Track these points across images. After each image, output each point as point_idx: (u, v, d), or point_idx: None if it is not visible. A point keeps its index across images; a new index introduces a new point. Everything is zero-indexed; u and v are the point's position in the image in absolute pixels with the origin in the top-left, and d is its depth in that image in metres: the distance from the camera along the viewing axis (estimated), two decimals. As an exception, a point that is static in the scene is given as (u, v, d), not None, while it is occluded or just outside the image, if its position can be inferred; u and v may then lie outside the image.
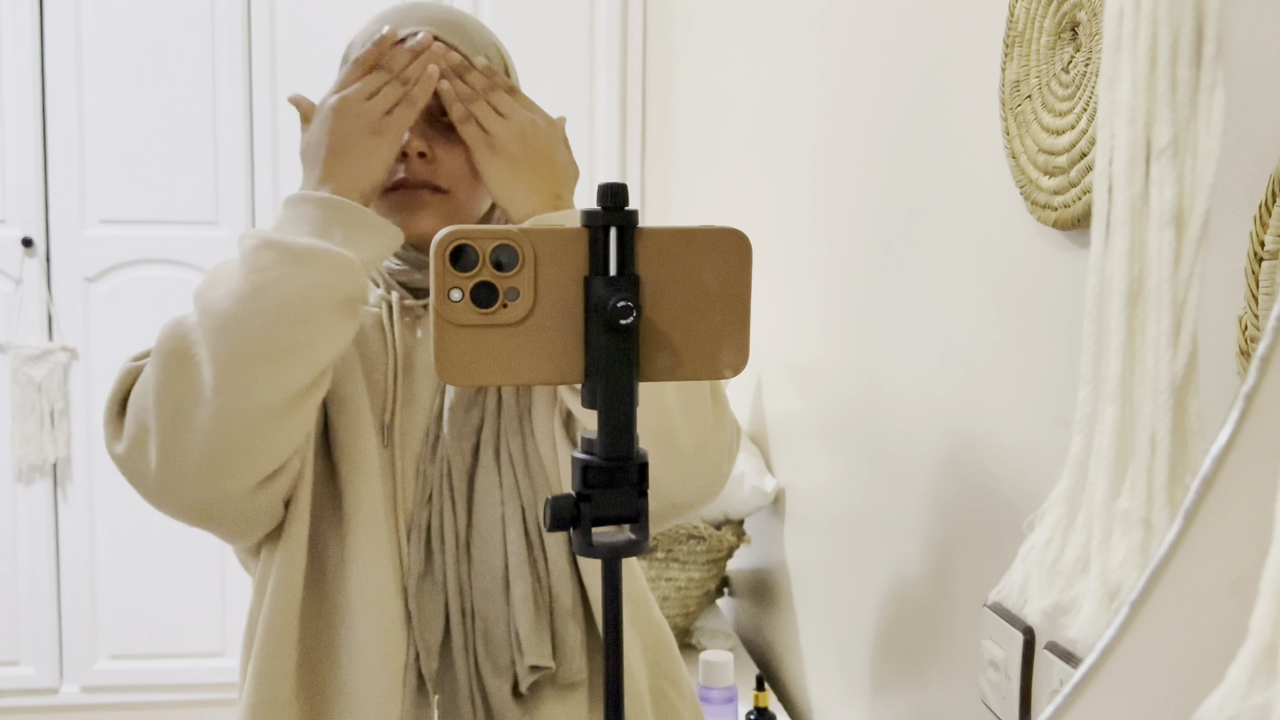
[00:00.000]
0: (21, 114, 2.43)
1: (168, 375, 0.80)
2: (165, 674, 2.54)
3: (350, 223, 0.84)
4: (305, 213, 0.84)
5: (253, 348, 0.79)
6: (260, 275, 0.79)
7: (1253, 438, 0.40)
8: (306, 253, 0.80)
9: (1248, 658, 0.36)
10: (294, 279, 0.80)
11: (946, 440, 1.00)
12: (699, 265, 0.55)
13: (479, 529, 0.91)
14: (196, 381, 0.80)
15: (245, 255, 0.81)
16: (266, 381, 0.80)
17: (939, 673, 1.03)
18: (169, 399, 0.80)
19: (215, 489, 0.82)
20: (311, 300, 0.80)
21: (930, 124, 1.04)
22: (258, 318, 0.79)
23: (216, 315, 0.80)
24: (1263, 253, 0.53)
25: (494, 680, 0.89)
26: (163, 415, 0.80)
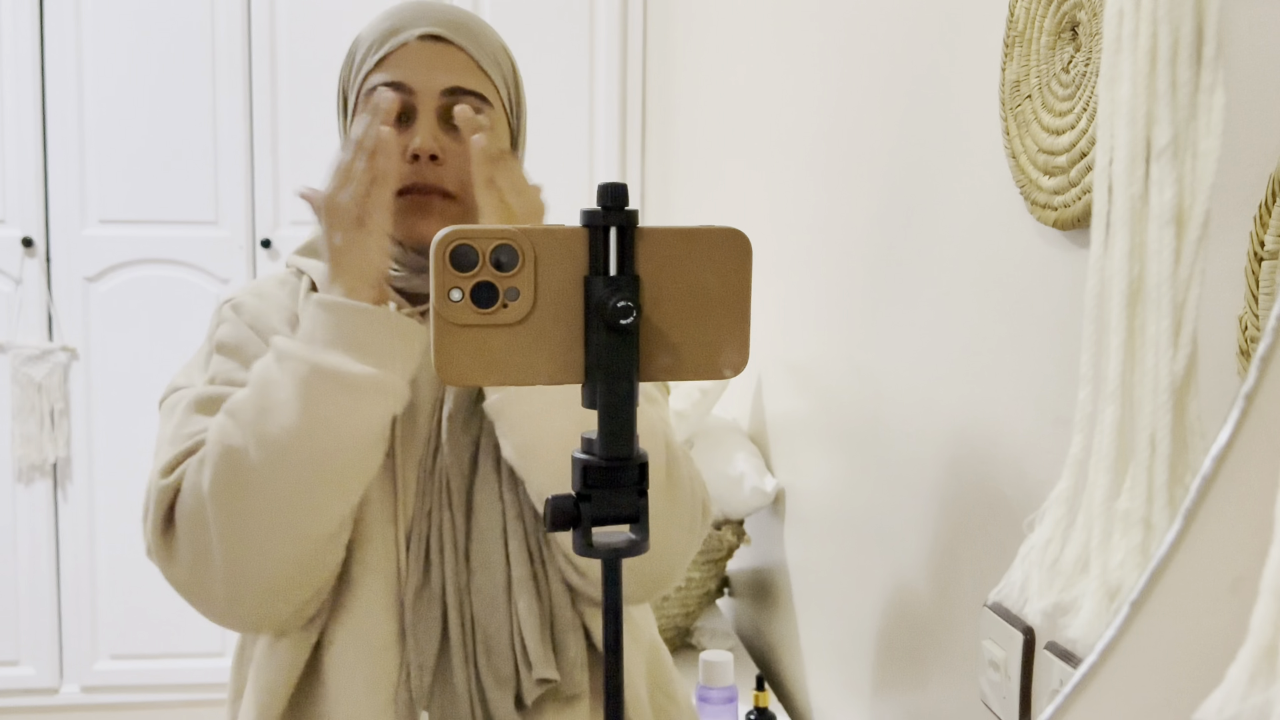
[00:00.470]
0: (21, 114, 2.43)
1: (228, 508, 0.81)
2: (165, 674, 2.54)
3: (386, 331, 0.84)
4: (343, 323, 0.83)
5: (319, 479, 0.81)
6: (319, 410, 0.80)
7: (1253, 438, 0.40)
8: (363, 383, 0.82)
9: (1248, 658, 0.36)
10: (353, 413, 0.82)
11: (947, 440, 1.00)
12: (699, 265, 0.55)
13: (479, 540, 0.90)
14: (261, 514, 0.81)
15: (300, 384, 0.81)
16: (332, 504, 0.83)
17: (939, 673, 1.03)
18: (233, 533, 0.81)
19: (276, 608, 0.85)
20: (370, 429, 0.83)
21: (930, 124, 1.04)
22: (319, 453, 0.81)
23: (275, 450, 0.80)
24: (1263, 253, 0.53)
25: (496, 692, 0.88)
26: (229, 548, 0.82)
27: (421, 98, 0.90)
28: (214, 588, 0.83)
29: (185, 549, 0.83)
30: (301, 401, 0.80)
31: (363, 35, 0.94)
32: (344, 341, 0.82)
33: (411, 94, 0.90)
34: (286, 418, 0.80)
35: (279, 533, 0.82)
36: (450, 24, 0.91)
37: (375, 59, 0.91)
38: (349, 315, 0.83)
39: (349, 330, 0.83)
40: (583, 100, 2.57)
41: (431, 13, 0.92)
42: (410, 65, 0.90)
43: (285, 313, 0.95)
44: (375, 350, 0.83)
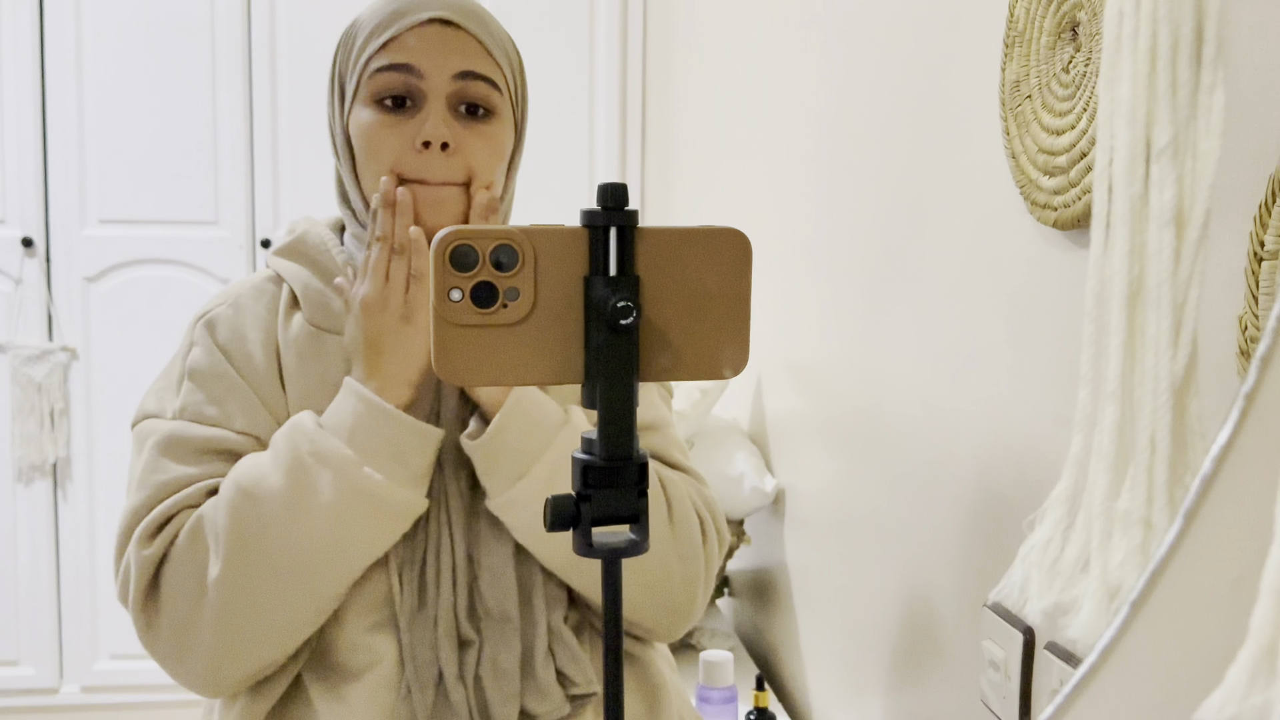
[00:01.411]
0: (21, 114, 2.43)
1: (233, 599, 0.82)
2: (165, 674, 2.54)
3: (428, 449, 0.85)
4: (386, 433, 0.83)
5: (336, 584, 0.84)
6: (350, 530, 0.82)
7: (1253, 438, 0.40)
8: (400, 509, 0.84)
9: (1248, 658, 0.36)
10: (386, 535, 0.84)
11: (946, 440, 1.00)
12: (699, 265, 0.55)
13: (488, 561, 0.88)
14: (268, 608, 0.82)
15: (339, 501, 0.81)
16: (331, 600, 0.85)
17: (939, 673, 1.03)
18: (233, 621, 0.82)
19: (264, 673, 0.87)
20: (385, 545, 0.85)
21: (930, 124, 1.04)
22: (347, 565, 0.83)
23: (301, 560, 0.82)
24: (1263, 253, 0.53)
25: (500, 710, 0.87)
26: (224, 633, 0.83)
27: (431, 82, 0.85)
28: (196, 666, 0.84)
29: (169, 624, 0.83)
30: (339, 519, 0.81)
31: (363, 19, 0.89)
32: (384, 452, 0.83)
33: (421, 78, 0.85)
34: (320, 530, 0.82)
35: (279, 628, 0.83)
36: (459, 8, 0.87)
37: (380, 41, 0.86)
38: (394, 427, 0.83)
39: (392, 441, 0.83)
40: (583, 100, 2.57)
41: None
42: (419, 49, 0.85)
43: (261, 331, 0.91)
44: (412, 467, 0.84)
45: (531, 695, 0.87)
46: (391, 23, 0.86)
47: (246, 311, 0.92)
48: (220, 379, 0.89)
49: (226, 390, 0.88)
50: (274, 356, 0.90)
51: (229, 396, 0.88)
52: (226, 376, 0.89)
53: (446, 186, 0.86)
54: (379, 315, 0.84)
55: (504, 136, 0.90)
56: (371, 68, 0.86)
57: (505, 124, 0.90)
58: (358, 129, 0.87)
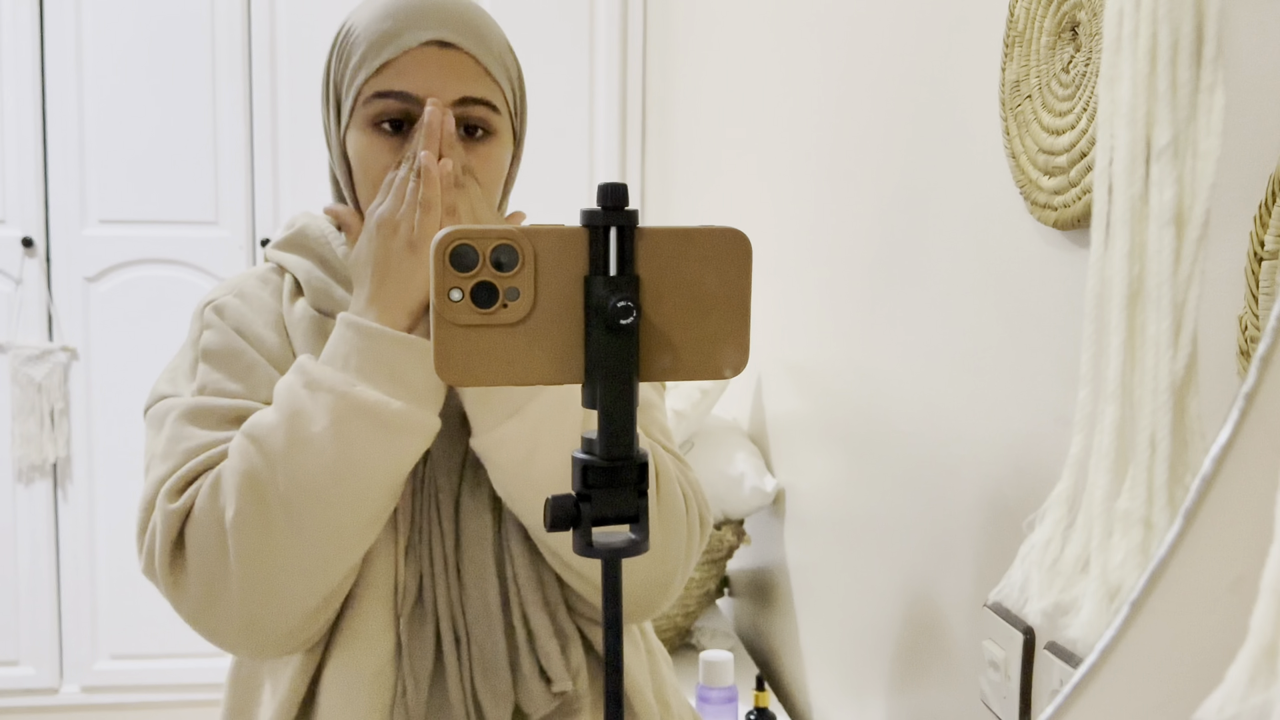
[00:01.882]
0: (21, 114, 2.43)
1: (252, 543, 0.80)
2: (165, 674, 2.54)
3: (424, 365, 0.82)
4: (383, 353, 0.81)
5: (350, 519, 0.81)
6: (353, 450, 0.79)
7: (1253, 438, 0.40)
8: (399, 421, 0.80)
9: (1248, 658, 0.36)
10: (389, 453, 0.80)
11: (946, 440, 1.00)
12: (699, 265, 0.55)
13: (469, 554, 0.88)
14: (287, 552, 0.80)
15: (336, 421, 0.79)
16: (360, 542, 0.82)
17: (939, 673, 1.03)
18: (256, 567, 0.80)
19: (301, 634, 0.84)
20: (403, 468, 0.82)
21: (930, 124, 1.04)
22: (355, 493, 0.80)
23: (310, 489, 0.79)
24: (1263, 253, 0.53)
25: (494, 709, 0.86)
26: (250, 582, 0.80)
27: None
28: (229, 619, 0.82)
29: (197, 579, 0.81)
30: (337, 440, 0.78)
31: (358, 30, 0.87)
32: (380, 373, 0.80)
33: (419, 105, 0.84)
34: (321, 456, 0.79)
35: (306, 569, 0.80)
36: (458, 26, 0.85)
37: (376, 64, 0.84)
38: (387, 345, 0.81)
39: (386, 361, 0.80)
40: (583, 100, 2.57)
41: (437, 13, 0.85)
42: (416, 74, 0.84)
43: (269, 314, 0.91)
44: (410, 383, 0.81)
45: (521, 692, 0.87)
46: (387, 43, 0.84)
47: (252, 298, 0.92)
48: (239, 356, 0.89)
49: (246, 367, 0.88)
50: (284, 337, 0.91)
51: (249, 373, 0.88)
52: (245, 354, 0.89)
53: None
54: (390, 237, 0.82)
55: (502, 155, 0.90)
56: (368, 92, 0.85)
57: (503, 141, 0.90)
58: (355, 151, 0.87)
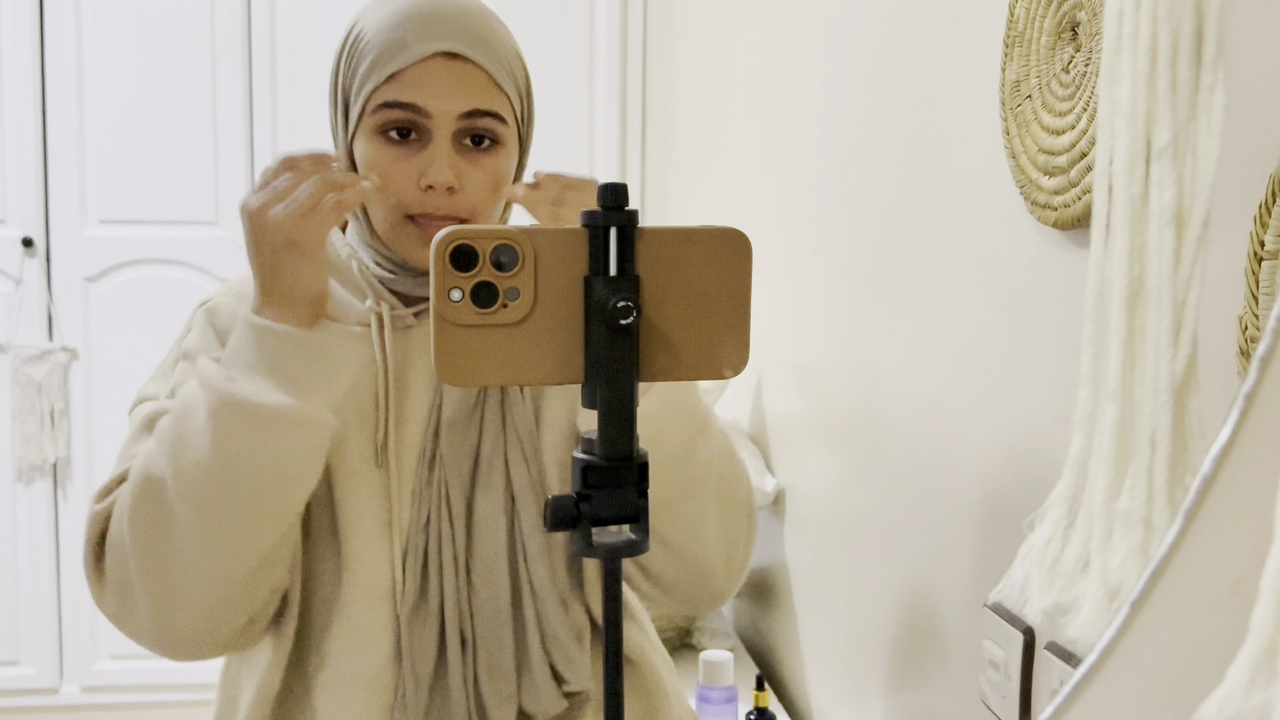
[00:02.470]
0: (21, 114, 2.43)
1: (147, 541, 0.79)
2: (165, 674, 2.54)
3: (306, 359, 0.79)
4: (265, 347, 0.79)
5: (235, 515, 0.78)
6: (227, 445, 0.77)
7: (1253, 438, 0.40)
8: (274, 416, 0.77)
9: (1248, 658, 0.36)
10: (262, 448, 0.77)
11: (946, 440, 1.00)
12: (699, 265, 0.55)
13: (480, 554, 0.87)
14: (178, 548, 0.79)
15: (210, 416, 0.77)
16: (249, 540, 0.80)
17: (939, 673, 1.03)
18: (153, 567, 0.79)
19: (210, 636, 0.83)
20: (283, 466, 0.79)
21: (930, 124, 1.04)
22: (233, 488, 0.78)
23: (190, 483, 0.77)
24: (1263, 253, 0.53)
25: (497, 710, 0.86)
26: (149, 583, 0.80)
27: (437, 121, 0.84)
28: (140, 618, 0.81)
29: (112, 582, 0.82)
30: (211, 434, 0.77)
31: (367, 35, 0.86)
32: (264, 367, 0.78)
33: (427, 117, 0.84)
34: (198, 451, 0.77)
35: (199, 567, 0.79)
36: (466, 37, 0.84)
37: (384, 74, 0.84)
38: (272, 340, 0.79)
39: (271, 355, 0.79)
40: (583, 100, 2.57)
41: (447, 23, 0.84)
42: (424, 86, 0.83)
43: None
44: (295, 378, 0.79)
45: (527, 694, 0.87)
46: (396, 53, 0.83)
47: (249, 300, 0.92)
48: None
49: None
50: None
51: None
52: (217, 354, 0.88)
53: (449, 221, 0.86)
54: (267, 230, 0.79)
55: (506, 164, 0.89)
56: (376, 100, 0.85)
57: (510, 151, 0.89)
58: (362, 158, 0.87)
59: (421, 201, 0.85)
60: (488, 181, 0.87)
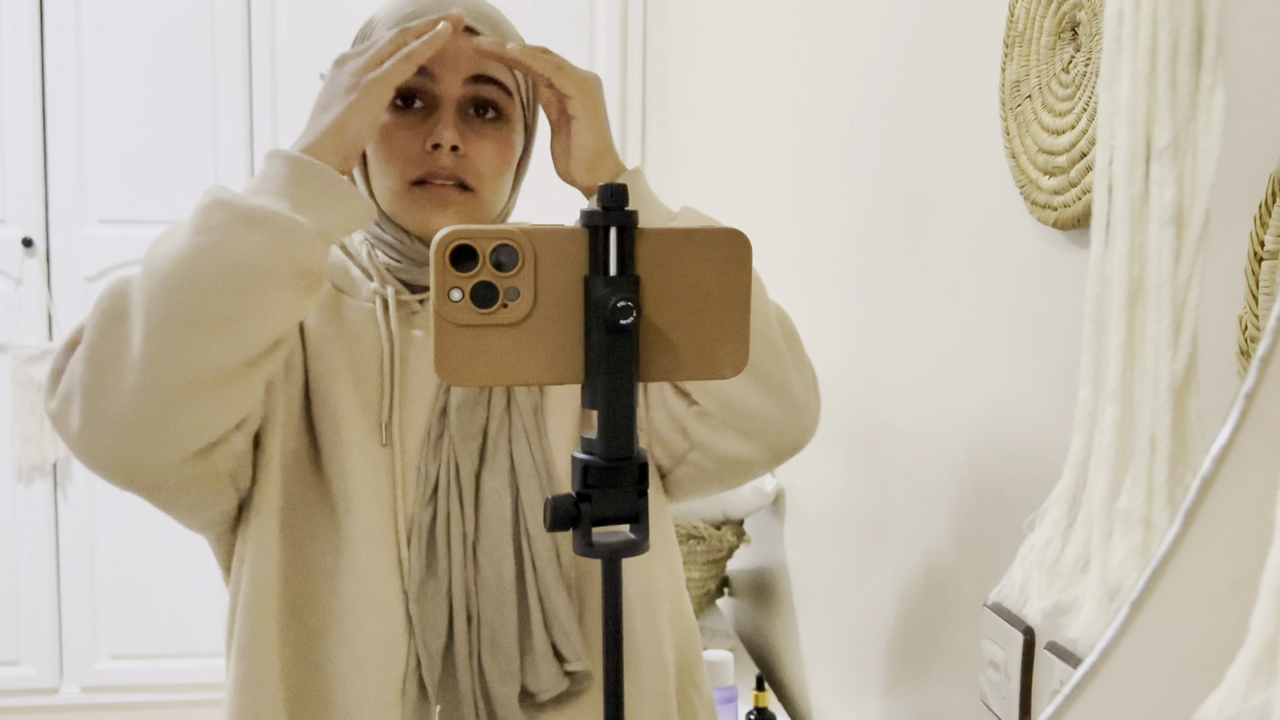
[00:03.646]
0: (21, 114, 2.43)
1: (99, 334, 0.77)
2: (165, 674, 2.54)
3: (316, 185, 0.79)
4: (274, 171, 0.79)
5: (188, 313, 0.75)
6: (205, 236, 0.75)
7: (1253, 438, 0.40)
8: (258, 215, 0.75)
9: (1248, 658, 0.36)
10: (241, 243, 0.75)
11: (946, 440, 1.00)
12: (699, 265, 0.55)
13: (487, 532, 0.88)
14: (126, 343, 0.76)
15: (195, 212, 0.77)
16: (199, 350, 0.75)
17: (939, 673, 1.03)
18: (96, 358, 0.76)
19: (137, 455, 0.78)
20: (257, 268, 0.75)
21: (930, 124, 1.04)
22: (197, 281, 0.74)
23: (155, 275, 0.75)
24: (1263, 253, 0.53)
25: (500, 688, 0.87)
26: (87, 374, 0.77)
27: (443, 85, 0.87)
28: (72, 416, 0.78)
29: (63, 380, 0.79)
30: (192, 227, 0.76)
31: (379, 19, 0.90)
32: (267, 186, 0.79)
33: (434, 80, 0.87)
34: (173, 243, 0.76)
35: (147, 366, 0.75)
36: (475, 14, 0.89)
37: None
38: (282, 162, 0.80)
39: (276, 175, 0.79)
40: (583, 100, 2.57)
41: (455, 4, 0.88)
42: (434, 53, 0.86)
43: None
44: (296, 197, 0.78)
45: (530, 672, 0.88)
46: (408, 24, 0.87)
47: None
48: None
49: None
50: None
51: None
52: None
53: (455, 187, 0.88)
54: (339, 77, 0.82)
55: (513, 139, 0.91)
56: None
57: (515, 127, 0.91)
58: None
59: (428, 162, 0.87)
60: (493, 150, 0.89)
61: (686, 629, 0.99)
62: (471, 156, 0.88)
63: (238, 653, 0.88)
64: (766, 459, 0.93)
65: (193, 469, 0.81)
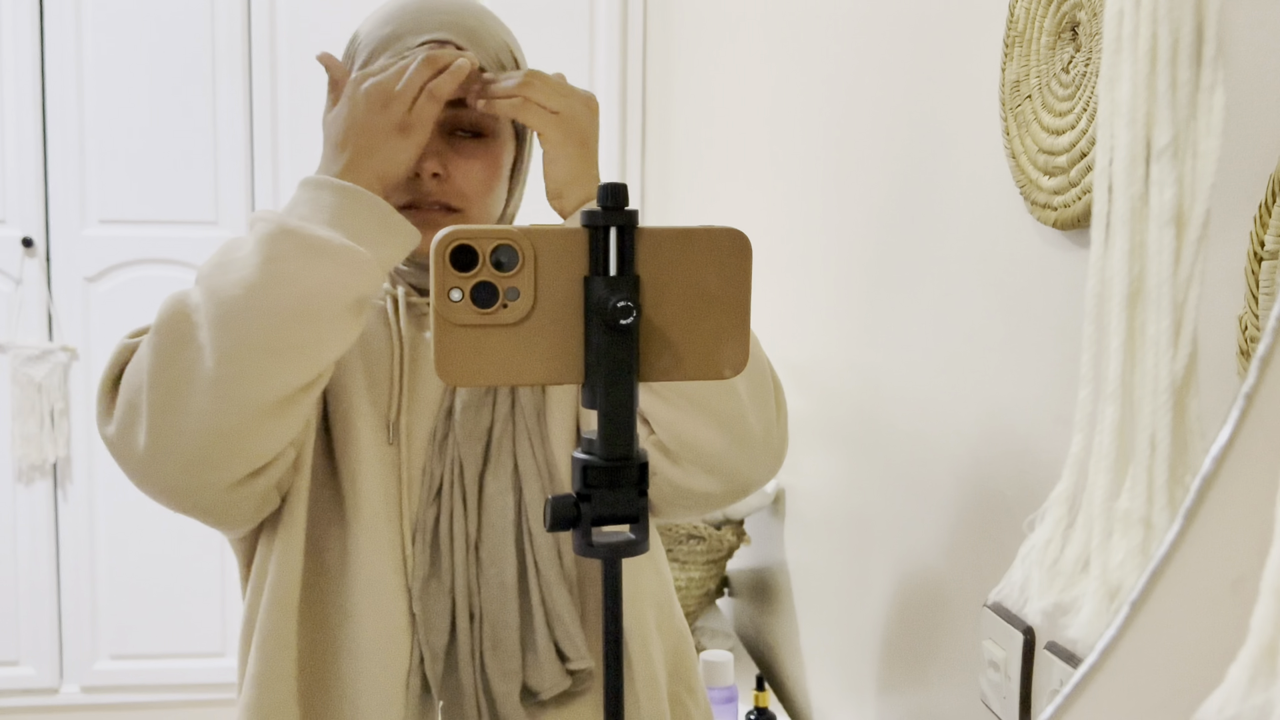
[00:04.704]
0: (21, 114, 2.43)
1: (165, 357, 0.78)
2: (165, 674, 2.54)
3: (371, 217, 0.81)
4: (325, 200, 0.80)
5: (259, 340, 0.77)
6: (275, 265, 0.77)
7: (1253, 438, 0.40)
8: (326, 246, 0.77)
9: (1248, 658, 0.36)
10: (310, 273, 0.77)
11: (946, 440, 1.00)
12: (699, 265, 0.55)
13: (489, 533, 0.89)
14: (195, 367, 0.77)
15: (261, 241, 0.78)
16: (268, 376, 0.78)
17: (939, 673, 1.03)
18: (163, 382, 0.78)
19: (201, 478, 0.80)
20: (325, 297, 0.78)
21: (930, 124, 1.04)
22: (268, 311, 0.77)
23: (224, 302, 0.77)
24: (1263, 253, 0.53)
25: (502, 686, 0.87)
26: (155, 398, 0.78)
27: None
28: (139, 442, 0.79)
29: (121, 404, 0.80)
30: (260, 256, 0.77)
31: (362, 37, 0.90)
32: (320, 215, 0.79)
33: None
34: (241, 270, 0.77)
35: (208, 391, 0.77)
36: (455, 28, 0.87)
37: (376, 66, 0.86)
38: (333, 192, 0.80)
39: (328, 205, 0.80)
40: (583, 100, 2.56)
41: (434, 15, 0.88)
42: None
43: None
44: (351, 227, 0.79)
45: (532, 671, 0.88)
46: (387, 46, 0.87)
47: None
48: None
49: None
50: None
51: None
52: None
53: (438, 210, 0.89)
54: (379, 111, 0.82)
55: (500, 154, 0.91)
56: None
57: (502, 140, 0.91)
58: None
59: (412, 189, 0.88)
60: (478, 170, 0.89)
61: (677, 633, 0.99)
62: (456, 179, 0.88)
63: (258, 646, 0.89)
64: (725, 493, 0.91)
65: (249, 487, 0.84)
